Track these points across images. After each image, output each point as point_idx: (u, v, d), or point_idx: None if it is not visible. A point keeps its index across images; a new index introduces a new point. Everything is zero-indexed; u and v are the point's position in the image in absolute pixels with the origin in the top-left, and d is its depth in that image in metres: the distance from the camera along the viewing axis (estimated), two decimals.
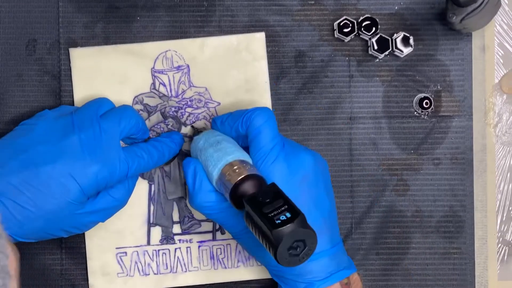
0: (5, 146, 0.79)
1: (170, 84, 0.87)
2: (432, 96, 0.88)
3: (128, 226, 0.87)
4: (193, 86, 0.87)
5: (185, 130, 0.87)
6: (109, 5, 0.88)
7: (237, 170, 0.76)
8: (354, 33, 0.87)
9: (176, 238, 0.88)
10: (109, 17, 0.88)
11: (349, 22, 0.87)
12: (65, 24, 0.88)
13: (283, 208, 0.71)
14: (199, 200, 0.79)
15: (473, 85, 0.89)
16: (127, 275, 0.87)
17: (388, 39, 0.87)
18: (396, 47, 0.87)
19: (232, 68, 0.87)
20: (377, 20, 0.87)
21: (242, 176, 0.75)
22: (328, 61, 0.88)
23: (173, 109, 0.87)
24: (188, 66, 0.87)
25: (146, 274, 0.87)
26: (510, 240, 0.89)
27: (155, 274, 0.87)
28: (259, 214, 0.71)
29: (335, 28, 0.88)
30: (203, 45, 0.87)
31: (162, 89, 0.87)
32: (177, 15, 0.88)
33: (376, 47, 0.87)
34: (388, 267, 0.88)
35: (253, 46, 0.87)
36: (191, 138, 0.87)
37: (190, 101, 0.87)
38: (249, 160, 0.78)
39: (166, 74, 0.87)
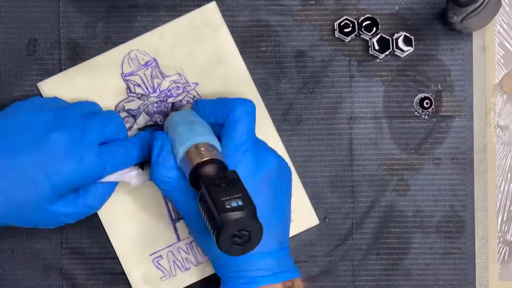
0: None
1: (144, 83, 0.87)
2: (433, 96, 0.88)
3: (154, 230, 0.87)
4: (167, 76, 0.88)
5: None
6: (109, 5, 0.88)
7: (203, 152, 0.76)
8: (355, 33, 0.87)
9: None
10: (109, 17, 0.88)
11: (349, 22, 0.87)
12: (65, 24, 0.88)
13: (236, 196, 0.71)
14: (159, 174, 0.79)
15: (474, 85, 0.89)
16: (170, 276, 0.87)
17: (389, 39, 0.87)
18: (397, 47, 0.87)
19: (197, 46, 0.87)
20: (378, 20, 0.87)
21: (206, 158, 0.75)
22: (328, 61, 0.88)
23: (155, 105, 0.87)
24: (154, 59, 0.87)
25: (187, 269, 0.87)
26: (510, 240, 0.89)
27: (195, 265, 0.87)
28: (212, 196, 0.71)
29: (335, 28, 0.88)
30: (161, 35, 0.87)
31: (138, 90, 0.87)
32: (177, 15, 0.88)
33: (376, 47, 0.87)
34: (389, 267, 0.88)
35: (209, 18, 0.87)
36: None
37: (168, 91, 0.87)
38: (218, 147, 0.78)
39: (137, 74, 0.87)
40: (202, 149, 0.76)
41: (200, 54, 0.87)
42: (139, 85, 0.87)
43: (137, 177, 0.83)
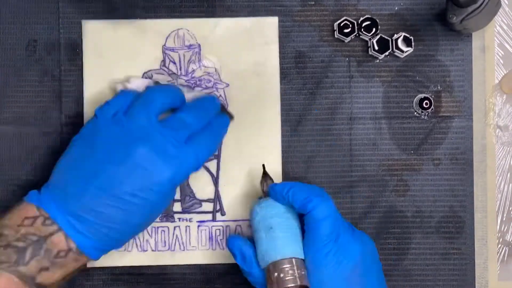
0: (71, 168, 0.78)
1: (180, 62, 0.87)
2: (432, 96, 0.88)
3: None
4: (204, 66, 0.87)
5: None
6: (109, 5, 0.88)
7: (281, 275, 0.77)
8: (354, 33, 0.87)
9: (176, 216, 0.88)
10: (109, 18, 0.88)
11: (349, 23, 0.87)
12: (65, 24, 0.88)
13: None
14: (245, 272, 0.81)
15: (473, 86, 0.89)
16: (125, 249, 0.87)
17: (388, 40, 0.87)
18: (396, 48, 0.87)
19: (243, 50, 0.87)
20: (377, 20, 0.87)
21: (287, 286, 0.77)
22: (328, 62, 0.88)
23: (182, 87, 0.87)
24: (199, 45, 0.87)
25: (144, 250, 0.87)
26: (510, 240, 0.89)
27: (153, 250, 0.87)
28: None
29: (335, 28, 0.88)
30: (215, 25, 0.87)
31: (172, 67, 0.87)
32: (177, 15, 0.88)
33: (376, 48, 0.87)
34: (388, 267, 0.88)
35: (265, 30, 0.87)
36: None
37: (199, 80, 0.87)
38: (298, 256, 0.79)
39: (177, 52, 0.87)
40: (280, 274, 0.77)
41: (242, 59, 0.87)
42: (174, 63, 0.87)
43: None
